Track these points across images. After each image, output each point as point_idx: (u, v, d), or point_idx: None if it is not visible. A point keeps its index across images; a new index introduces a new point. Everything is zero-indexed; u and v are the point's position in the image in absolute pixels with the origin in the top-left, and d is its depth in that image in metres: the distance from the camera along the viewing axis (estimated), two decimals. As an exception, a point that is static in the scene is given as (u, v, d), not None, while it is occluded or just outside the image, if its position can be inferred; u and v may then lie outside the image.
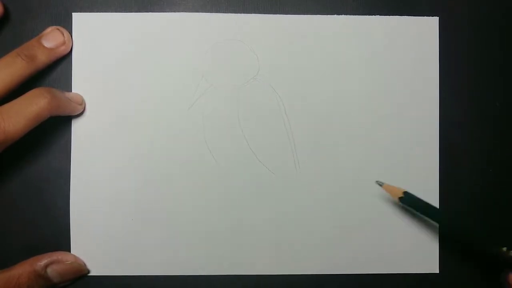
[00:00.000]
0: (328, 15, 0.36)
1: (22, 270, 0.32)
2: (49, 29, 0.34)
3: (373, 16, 0.36)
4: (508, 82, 0.36)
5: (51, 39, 0.34)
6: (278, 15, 0.36)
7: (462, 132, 0.36)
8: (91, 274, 0.35)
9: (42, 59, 0.33)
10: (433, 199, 0.36)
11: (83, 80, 0.35)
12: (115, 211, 0.35)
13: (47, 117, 0.32)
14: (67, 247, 0.35)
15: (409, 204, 0.34)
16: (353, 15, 0.36)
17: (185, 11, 0.36)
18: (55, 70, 0.35)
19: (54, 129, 0.35)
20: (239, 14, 0.35)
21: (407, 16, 0.36)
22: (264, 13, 0.36)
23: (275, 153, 0.35)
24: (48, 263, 0.33)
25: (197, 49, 0.35)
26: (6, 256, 0.35)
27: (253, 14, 0.36)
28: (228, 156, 0.35)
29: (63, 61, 0.35)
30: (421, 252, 0.35)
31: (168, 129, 0.35)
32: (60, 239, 0.35)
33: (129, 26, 0.35)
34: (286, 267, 0.35)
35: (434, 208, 0.33)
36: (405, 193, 0.33)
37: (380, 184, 0.34)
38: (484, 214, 0.36)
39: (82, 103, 0.35)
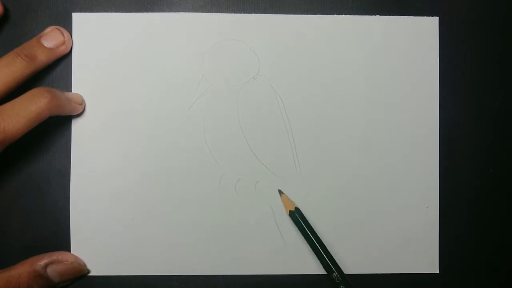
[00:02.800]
0: (328, 15, 0.36)
1: (22, 270, 0.32)
2: (49, 29, 0.34)
3: (373, 16, 0.36)
4: (508, 82, 0.36)
5: (51, 39, 0.34)
6: (278, 15, 0.36)
7: (462, 132, 0.36)
8: (91, 274, 0.35)
9: (42, 59, 0.33)
10: (433, 199, 0.36)
11: (83, 80, 0.35)
12: (115, 211, 0.35)
13: (47, 117, 0.32)
14: (67, 247, 0.35)
15: (295, 221, 0.34)
16: (353, 15, 0.36)
17: (185, 11, 0.36)
18: (55, 70, 0.35)
19: (54, 129, 0.35)
20: (239, 14, 0.35)
21: (407, 16, 0.36)
22: (264, 13, 0.36)
23: (275, 153, 0.35)
24: (48, 263, 0.33)
25: (197, 49, 0.35)
26: (6, 256, 0.35)
27: (253, 14, 0.36)
28: (228, 156, 0.35)
29: (63, 61, 0.35)
30: (421, 252, 0.35)
31: (168, 129, 0.35)
32: (60, 239, 0.35)
33: (129, 26, 0.35)
34: (286, 267, 0.35)
35: (316, 237, 0.34)
36: (296, 209, 0.34)
37: (280, 193, 0.35)
38: (484, 214, 0.36)
39: (82, 103, 0.35)
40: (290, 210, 0.34)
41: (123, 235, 0.35)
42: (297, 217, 0.34)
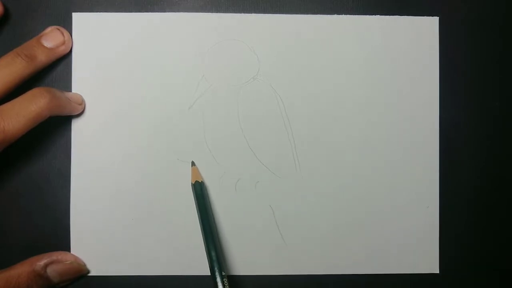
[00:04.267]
0: (328, 15, 0.36)
1: (21, 270, 0.32)
2: (49, 29, 0.34)
3: (373, 16, 0.36)
4: (508, 82, 0.36)
5: (51, 39, 0.34)
6: (278, 15, 0.36)
7: (462, 132, 0.36)
8: (91, 274, 0.35)
9: (42, 59, 0.33)
10: (433, 199, 0.36)
11: (83, 80, 0.35)
12: (115, 211, 0.35)
13: (47, 117, 0.32)
14: (67, 247, 0.35)
15: (195, 195, 0.33)
16: (353, 15, 0.36)
17: (185, 11, 0.36)
18: (55, 70, 0.35)
19: (54, 129, 0.35)
20: (239, 14, 0.36)
21: (407, 16, 0.36)
22: (264, 13, 0.36)
23: (275, 153, 0.35)
24: (48, 263, 0.33)
25: (197, 49, 0.35)
26: (6, 256, 0.35)
27: (253, 14, 0.36)
28: (228, 156, 0.35)
29: (63, 61, 0.35)
30: (421, 252, 0.35)
31: (168, 129, 0.35)
32: (60, 239, 0.35)
33: (129, 26, 0.35)
34: (286, 267, 0.35)
35: (205, 214, 0.33)
36: (197, 182, 0.34)
37: (192, 164, 0.35)
38: (484, 214, 0.36)
39: (82, 103, 0.35)
40: (196, 181, 0.34)
41: (123, 235, 0.35)
42: (198, 190, 0.33)
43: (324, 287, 0.35)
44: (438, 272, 0.36)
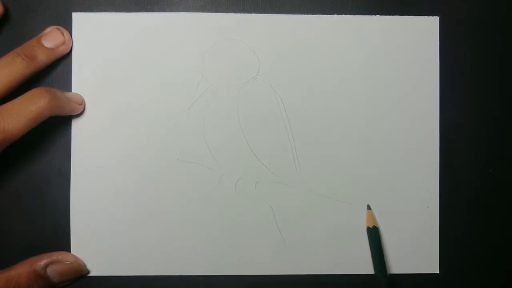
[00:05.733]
0: (328, 15, 0.36)
1: (22, 270, 0.32)
2: (49, 29, 0.34)
3: (373, 16, 0.36)
4: (508, 82, 0.36)
5: (51, 39, 0.34)
6: (278, 15, 0.36)
7: (462, 132, 0.36)
8: (91, 274, 0.35)
9: (42, 59, 0.33)
10: (433, 199, 0.36)
11: (83, 80, 0.35)
12: (115, 211, 0.35)
13: (47, 117, 0.32)
14: (67, 247, 0.35)
15: (370, 238, 0.34)
16: (353, 15, 0.36)
17: (185, 11, 0.36)
18: (55, 70, 0.35)
19: (54, 129, 0.35)
20: (239, 14, 0.36)
21: (407, 16, 0.36)
22: (264, 13, 0.36)
23: (275, 153, 0.35)
24: (48, 263, 0.33)
25: (197, 49, 0.35)
26: (6, 256, 0.35)
27: (253, 14, 0.36)
28: (228, 156, 0.35)
29: (63, 61, 0.35)
30: (421, 252, 0.35)
31: (169, 129, 0.35)
32: (60, 239, 0.35)
33: (129, 26, 0.35)
34: (286, 267, 0.35)
35: (381, 264, 0.33)
36: (374, 227, 0.34)
37: (368, 208, 0.35)
38: (484, 214, 0.36)
39: (82, 103, 0.35)
40: (370, 226, 0.35)
41: (123, 235, 0.35)
42: (374, 235, 0.34)
43: (324, 287, 0.35)
44: (438, 272, 0.36)
